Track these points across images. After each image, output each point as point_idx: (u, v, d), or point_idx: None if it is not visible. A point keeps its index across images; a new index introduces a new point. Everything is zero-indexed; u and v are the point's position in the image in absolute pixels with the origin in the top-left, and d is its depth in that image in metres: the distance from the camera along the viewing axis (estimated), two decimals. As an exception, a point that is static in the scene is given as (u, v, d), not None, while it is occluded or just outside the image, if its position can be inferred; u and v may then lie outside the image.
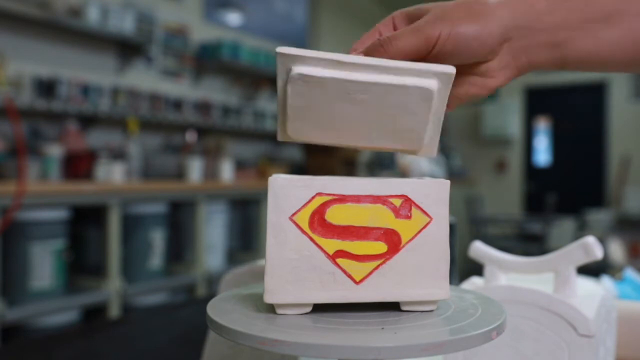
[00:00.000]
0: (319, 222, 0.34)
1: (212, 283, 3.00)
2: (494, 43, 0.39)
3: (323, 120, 0.38)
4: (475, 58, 0.39)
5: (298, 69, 0.35)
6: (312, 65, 0.35)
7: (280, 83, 0.36)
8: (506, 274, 0.51)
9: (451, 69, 0.36)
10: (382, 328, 0.32)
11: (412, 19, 0.41)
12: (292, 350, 0.29)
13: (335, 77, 0.35)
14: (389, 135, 0.39)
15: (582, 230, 4.35)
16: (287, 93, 0.36)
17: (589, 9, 0.39)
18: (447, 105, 0.40)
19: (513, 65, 0.40)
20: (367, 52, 0.38)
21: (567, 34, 0.39)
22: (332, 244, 0.34)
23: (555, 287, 0.48)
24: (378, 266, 0.35)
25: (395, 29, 0.42)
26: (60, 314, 2.35)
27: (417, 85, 0.35)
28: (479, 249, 0.52)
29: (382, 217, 0.35)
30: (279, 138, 0.40)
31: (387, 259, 0.35)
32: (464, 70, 0.40)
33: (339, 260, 0.34)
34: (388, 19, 0.42)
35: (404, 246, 0.35)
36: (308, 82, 0.35)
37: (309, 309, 0.35)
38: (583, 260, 0.47)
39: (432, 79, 0.36)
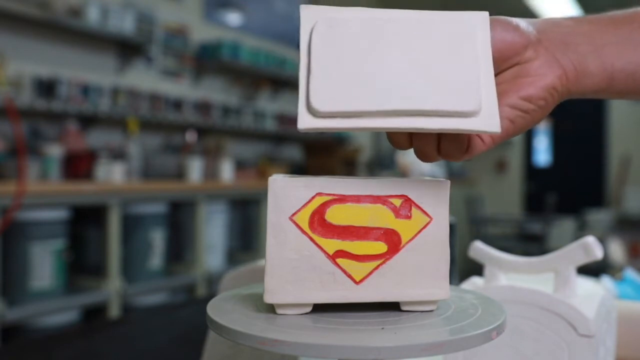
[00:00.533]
0: (319, 222, 0.34)
1: (212, 283, 3.00)
2: (519, 39, 0.39)
3: (355, 74, 0.33)
4: (501, 55, 0.39)
5: (325, 15, 0.35)
6: (338, 12, 0.35)
7: (303, 45, 0.34)
8: (506, 274, 0.51)
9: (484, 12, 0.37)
10: (382, 328, 0.32)
11: None
12: (292, 350, 0.29)
13: (363, 17, 0.35)
14: (436, 86, 0.34)
15: (582, 230, 4.34)
16: (312, 49, 0.34)
17: (620, 29, 0.40)
18: (511, 120, 0.38)
19: (557, 64, 0.40)
20: None
21: (604, 40, 0.40)
22: (332, 244, 0.34)
23: (555, 287, 0.48)
24: (378, 266, 0.35)
25: None
26: (60, 314, 2.34)
27: (449, 20, 0.35)
28: (479, 249, 0.52)
29: (382, 217, 0.35)
30: (300, 125, 0.33)
31: (387, 259, 0.35)
32: (509, 77, 0.40)
33: (339, 260, 0.34)
34: None
35: (404, 246, 0.35)
36: (335, 27, 0.34)
37: (309, 309, 0.35)
38: (583, 260, 0.47)
39: (465, 17, 0.36)
